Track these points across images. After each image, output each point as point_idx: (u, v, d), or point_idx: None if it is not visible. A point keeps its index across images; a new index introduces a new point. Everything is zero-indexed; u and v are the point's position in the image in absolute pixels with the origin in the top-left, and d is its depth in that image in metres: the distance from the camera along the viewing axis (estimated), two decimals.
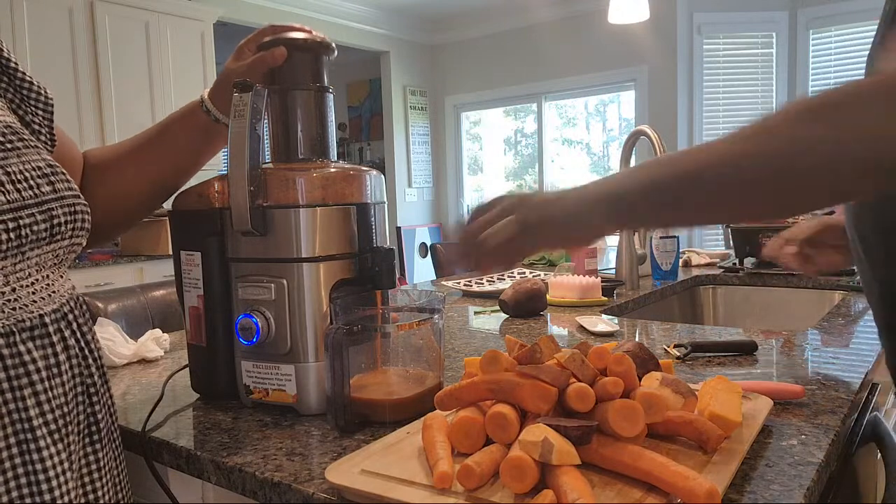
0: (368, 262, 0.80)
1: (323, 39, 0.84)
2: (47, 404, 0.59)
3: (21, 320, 0.59)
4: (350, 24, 5.35)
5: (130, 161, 0.84)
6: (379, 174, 0.85)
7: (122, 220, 0.87)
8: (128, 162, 0.84)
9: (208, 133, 0.85)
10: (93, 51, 3.56)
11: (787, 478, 0.57)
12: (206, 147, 0.86)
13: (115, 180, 0.83)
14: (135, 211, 0.87)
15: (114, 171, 0.84)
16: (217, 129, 0.84)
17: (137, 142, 0.85)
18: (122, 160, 0.84)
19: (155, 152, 0.85)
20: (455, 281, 1.85)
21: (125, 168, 0.84)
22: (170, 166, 0.86)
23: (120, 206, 0.84)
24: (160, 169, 0.85)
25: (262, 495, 0.63)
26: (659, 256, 1.84)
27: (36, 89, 0.71)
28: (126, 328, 1.17)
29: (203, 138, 0.85)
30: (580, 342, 0.69)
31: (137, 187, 0.85)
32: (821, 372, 0.90)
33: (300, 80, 0.83)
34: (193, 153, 0.86)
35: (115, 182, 0.83)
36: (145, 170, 0.84)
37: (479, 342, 1.17)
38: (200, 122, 0.84)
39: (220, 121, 0.83)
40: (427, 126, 6.29)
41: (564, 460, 0.51)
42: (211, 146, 0.87)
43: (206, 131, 0.84)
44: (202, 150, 0.86)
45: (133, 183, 0.84)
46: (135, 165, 0.84)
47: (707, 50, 4.73)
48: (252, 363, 0.79)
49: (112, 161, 0.84)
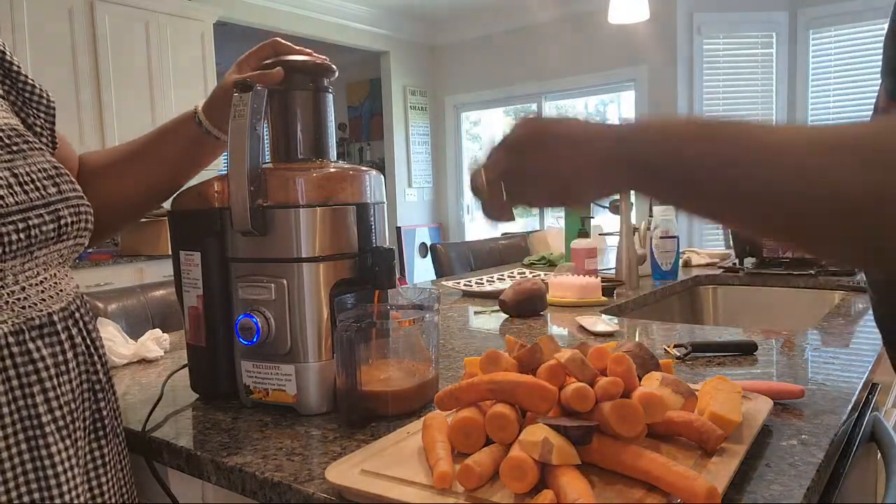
0: (368, 262, 0.80)
1: (323, 62, 0.84)
2: (55, 401, 0.61)
3: (30, 318, 0.60)
4: (350, 24, 5.35)
5: (123, 167, 0.85)
6: (379, 174, 0.85)
7: (116, 222, 0.88)
8: (121, 168, 0.85)
9: (199, 145, 0.85)
10: (93, 51, 3.56)
11: (787, 478, 0.57)
12: (197, 158, 0.87)
13: (109, 184, 0.84)
14: (128, 214, 0.89)
15: (107, 175, 0.84)
16: (207, 141, 0.84)
17: (131, 149, 0.86)
18: (116, 166, 0.85)
19: (147, 160, 0.85)
20: (455, 281, 1.85)
21: (118, 174, 0.85)
22: (161, 174, 0.86)
23: (113, 209, 0.84)
24: (151, 176, 0.86)
25: (262, 495, 0.63)
26: (659, 256, 1.84)
27: (38, 92, 0.72)
28: (126, 328, 1.17)
29: (194, 150, 0.85)
30: (580, 342, 0.70)
31: (130, 192, 0.85)
32: (821, 372, 0.90)
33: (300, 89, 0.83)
34: (185, 163, 0.86)
35: (109, 186, 0.84)
36: (137, 176, 0.85)
37: (479, 342, 1.17)
38: (192, 134, 0.84)
39: (210, 133, 0.83)
40: (427, 126, 6.29)
41: (564, 460, 0.52)
42: (201, 157, 0.87)
43: (197, 143, 0.84)
44: (193, 161, 0.87)
45: (126, 188, 0.85)
46: (127, 172, 0.85)
47: (707, 50, 4.72)
48: (252, 363, 0.79)
49: (106, 166, 0.85)
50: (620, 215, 1.83)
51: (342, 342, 0.70)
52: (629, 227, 1.82)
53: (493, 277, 1.91)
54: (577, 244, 1.77)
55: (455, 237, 6.29)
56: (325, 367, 0.77)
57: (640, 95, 5.05)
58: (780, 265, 1.91)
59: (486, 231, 4.94)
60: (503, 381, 0.60)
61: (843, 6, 4.39)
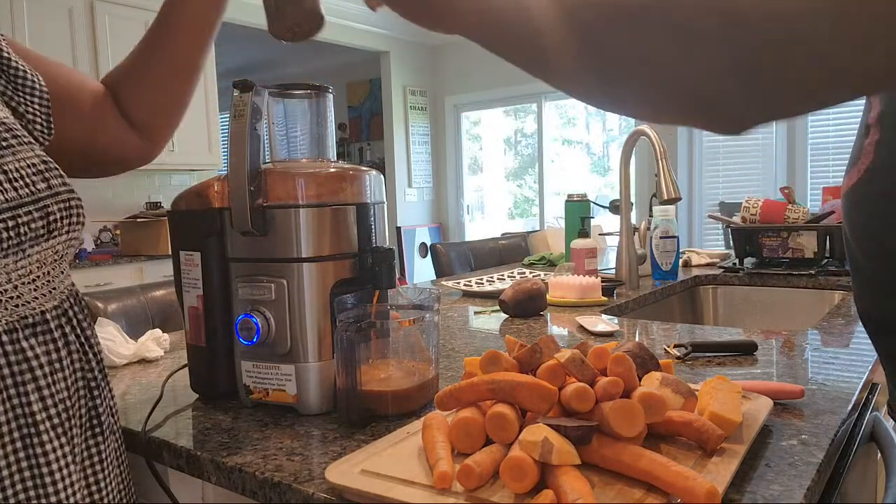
0: (368, 262, 0.80)
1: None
2: (50, 399, 0.61)
3: (24, 317, 0.60)
4: (350, 24, 5.35)
5: (146, 59, 0.82)
6: (379, 174, 0.85)
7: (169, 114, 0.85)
8: (145, 60, 0.82)
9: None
10: (93, 51, 3.56)
11: (787, 478, 0.57)
12: (215, 10, 0.82)
13: (140, 82, 0.81)
14: (172, 107, 0.85)
15: (133, 75, 0.82)
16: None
17: (145, 40, 0.82)
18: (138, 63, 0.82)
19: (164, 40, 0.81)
20: (455, 281, 1.85)
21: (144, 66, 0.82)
22: (185, 49, 0.82)
23: (156, 107, 0.82)
24: (177, 56, 0.82)
25: (262, 495, 0.63)
26: (659, 256, 1.84)
27: (31, 79, 0.70)
28: (126, 328, 1.17)
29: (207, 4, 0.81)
30: (580, 342, 0.70)
31: (165, 79, 0.82)
32: (821, 372, 0.90)
33: None
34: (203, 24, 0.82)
35: (141, 85, 0.81)
36: (164, 62, 0.82)
37: (479, 342, 1.17)
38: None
39: None
40: (427, 126, 6.29)
41: (564, 460, 0.52)
42: (218, 8, 0.82)
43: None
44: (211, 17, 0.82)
45: (159, 76, 0.82)
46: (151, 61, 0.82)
47: None
48: (252, 363, 0.79)
49: (129, 69, 0.82)
50: (620, 215, 1.84)
51: (342, 342, 0.70)
52: (629, 227, 1.82)
53: (493, 277, 1.91)
54: (577, 244, 1.77)
55: (455, 237, 6.29)
56: (325, 367, 0.77)
57: None
58: (780, 265, 1.91)
59: (487, 231, 4.94)
60: (503, 381, 0.60)
61: None
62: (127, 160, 0.84)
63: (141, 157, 0.85)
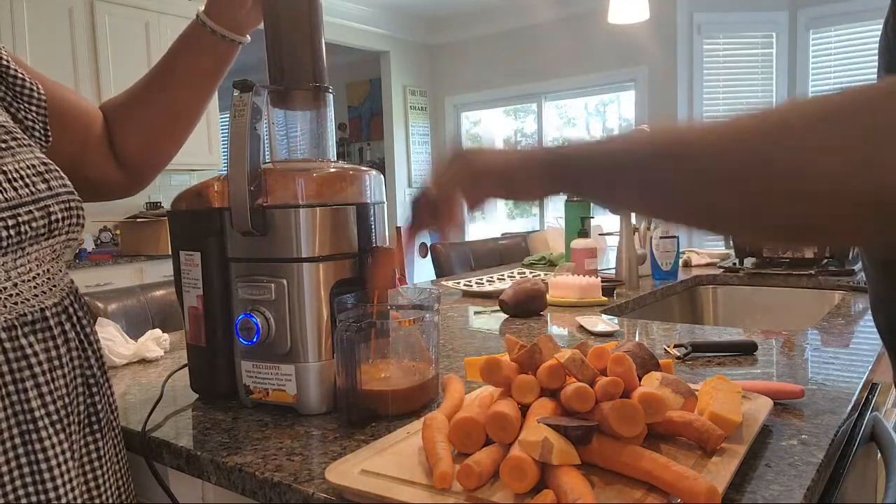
0: (368, 262, 0.80)
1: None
2: (49, 396, 0.61)
3: (23, 314, 0.60)
4: (350, 24, 5.35)
5: (144, 97, 0.83)
6: (378, 174, 0.85)
7: (157, 155, 0.86)
8: (142, 98, 0.83)
9: (214, 52, 0.82)
10: (93, 51, 3.56)
11: (787, 478, 0.57)
12: (220, 65, 0.83)
13: (133, 118, 0.82)
14: (162, 147, 0.86)
15: (129, 110, 0.83)
16: (221, 46, 0.81)
17: (147, 78, 0.83)
18: (137, 98, 0.83)
19: (166, 84, 0.82)
20: (455, 281, 1.85)
21: (140, 103, 0.83)
22: (185, 95, 0.83)
23: (147, 144, 0.83)
24: (176, 101, 0.83)
25: (262, 495, 0.63)
26: (659, 256, 1.84)
27: (29, 86, 0.71)
28: (126, 328, 1.17)
29: (210, 59, 0.82)
30: (580, 342, 0.69)
31: (158, 121, 0.83)
32: (821, 372, 0.90)
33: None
34: (204, 77, 0.83)
35: (134, 120, 0.82)
36: (161, 104, 0.83)
37: (479, 342, 1.17)
38: (203, 43, 0.81)
39: (224, 37, 0.80)
40: (427, 126, 6.29)
41: (564, 460, 0.51)
42: (223, 64, 0.83)
43: (211, 51, 0.81)
44: (212, 73, 0.84)
45: (153, 117, 0.83)
46: (149, 100, 0.83)
47: (707, 50, 4.72)
48: (252, 363, 0.79)
49: (127, 102, 0.83)
50: (620, 215, 1.83)
51: (342, 342, 0.70)
52: (629, 227, 1.82)
53: (493, 277, 1.91)
54: (577, 244, 1.77)
55: (455, 237, 6.28)
56: (325, 367, 0.77)
57: (640, 96, 5.05)
58: (780, 265, 1.91)
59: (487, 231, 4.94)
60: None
61: (843, 6, 4.39)
62: (107, 191, 0.85)
63: (121, 191, 0.86)
